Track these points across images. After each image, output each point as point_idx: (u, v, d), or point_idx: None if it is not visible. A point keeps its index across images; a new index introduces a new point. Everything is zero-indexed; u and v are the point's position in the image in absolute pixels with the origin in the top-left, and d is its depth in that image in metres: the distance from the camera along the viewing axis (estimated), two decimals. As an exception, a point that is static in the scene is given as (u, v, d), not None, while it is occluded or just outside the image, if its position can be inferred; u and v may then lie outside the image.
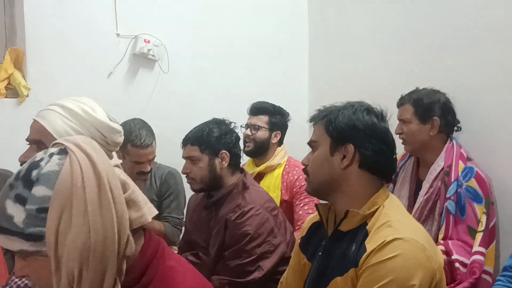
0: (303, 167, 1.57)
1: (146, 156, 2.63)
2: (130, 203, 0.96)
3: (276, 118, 2.94)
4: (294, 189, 2.81)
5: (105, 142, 1.51)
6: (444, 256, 2.21)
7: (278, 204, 2.77)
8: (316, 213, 1.61)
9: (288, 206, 2.82)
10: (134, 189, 0.99)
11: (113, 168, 0.96)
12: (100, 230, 0.90)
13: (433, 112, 2.41)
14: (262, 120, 2.93)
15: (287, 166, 2.90)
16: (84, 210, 0.90)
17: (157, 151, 2.74)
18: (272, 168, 2.89)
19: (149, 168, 2.67)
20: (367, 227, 1.42)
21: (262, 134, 2.91)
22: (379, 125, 1.48)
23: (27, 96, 2.85)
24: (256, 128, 2.91)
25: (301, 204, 2.76)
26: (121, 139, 1.55)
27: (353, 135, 1.47)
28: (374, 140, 1.46)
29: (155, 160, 2.79)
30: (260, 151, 2.92)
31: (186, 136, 2.27)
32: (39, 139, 1.46)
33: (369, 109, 1.50)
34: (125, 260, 0.95)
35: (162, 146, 2.92)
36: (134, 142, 2.59)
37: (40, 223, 0.89)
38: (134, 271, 0.97)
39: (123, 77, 3.19)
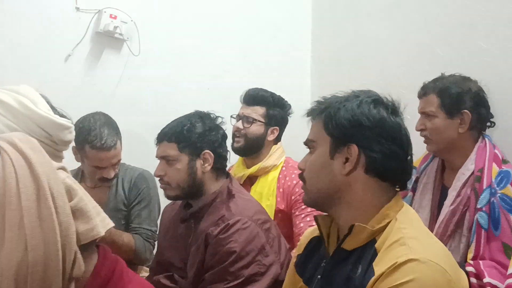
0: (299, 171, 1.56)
1: (109, 160, 2.62)
2: (77, 213, 0.96)
3: (275, 110, 2.93)
4: (293, 197, 2.80)
5: (51, 141, 1.50)
6: (474, 280, 2.21)
7: (273, 215, 2.77)
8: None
9: (285, 218, 2.81)
10: (83, 197, 0.98)
11: (55, 171, 0.95)
12: (40, 246, 0.89)
13: (463, 104, 2.41)
14: (257, 111, 2.91)
15: (284, 169, 2.89)
16: (20, 222, 0.89)
17: (126, 151, 2.74)
18: (266, 171, 2.89)
19: (112, 174, 2.67)
20: (376, 245, 1.42)
21: (256, 129, 2.90)
22: (389, 120, 1.46)
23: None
24: (250, 121, 2.90)
25: (302, 215, 2.75)
26: (70, 136, 1.55)
27: (358, 134, 1.45)
28: (383, 139, 1.45)
29: (123, 161, 2.79)
30: (252, 149, 2.91)
31: (162, 130, 2.26)
32: None
33: (377, 101, 1.48)
34: (73, 282, 0.94)
35: (131, 145, 2.92)
36: (93, 143, 2.58)
37: None
38: None
39: (84, 60, 3.18)
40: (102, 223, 1.00)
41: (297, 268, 1.66)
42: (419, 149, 2.58)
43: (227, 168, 2.35)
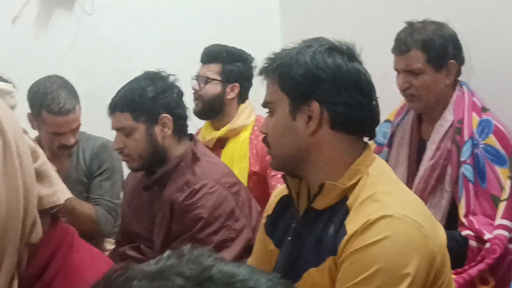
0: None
1: (68, 124, 2.57)
2: (41, 175, 0.94)
3: (232, 66, 2.87)
4: (268, 157, 2.78)
5: None
6: (474, 242, 2.23)
7: (246, 178, 2.75)
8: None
9: (260, 180, 2.80)
10: (46, 161, 0.97)
11: (22, 131, 0.94)
12: (2, 203, 0.87)
13: (448, 54, 2.38)
14: (212, 69, 2.86)
15: (256, 128, 2.85)
16: None
17: (85, 117, 2.69)
18: (235, 132, 2.86)
19: (73, 141, 2.62)
20: (347, 203, 1.41)
21: (212, 88, 2.84)
22: (346, 68, 1.42)
23: None
24: (205, 80, 2.85)
25: (278, 175, 2.73)
26: (13, 101, 1.48)
27: (316, 89, 1.41)
28: (343, 89, 1.41)
29: (82, 130, 2.73)
30: (212, 110, 2.87)
31: (112, 100, 2.21)
32: None
33: (331, 48, 1.43)
34: (28, 249, 0.93)
35: (90, 111, 2.86)
36: (50, 107, 2.52)
37: None
38: (34, 265, 0.95)
39: (33, 21, 3.13)
40: (62, 191, 0.99)
41: (267, 229, 1.65)
42: (392, 101, 2.57)
43: (194, 132, 2.32)
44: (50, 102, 2.52)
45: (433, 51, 2.35)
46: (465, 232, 2.26)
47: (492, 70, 2.52)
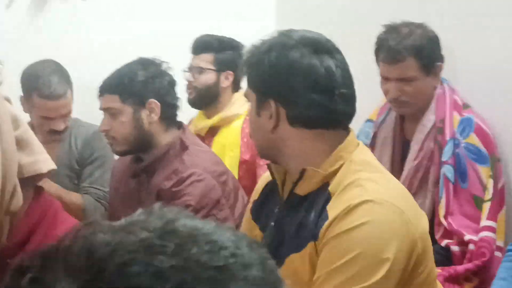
0: None
1: (58, 110, 2.57)
2: (22, 143, 0.96)
3: (225, 54, 2.87)
4: None
5: None
6: (456, 247, 2.24)
7: (237, 166, 2.76)
8: None
9: (250, 169, 2.80)
10: (28, 130, 0.99)
11: (2, 99, 0.94)
12: None
13: (436, 56, 2.37)
14: (205, 59, 2.86)
15: (248, 118, 2.85)
16: None
17: (78, 104, 2.69)
18: (228, 121, 2.86)
19: (62, 126, 2.62)
20: (329, 189, 1.42)
21: (207, 78, 2.85)
22: (300, 65, 1.41)
23: None
24: (199, 70, 2.86)
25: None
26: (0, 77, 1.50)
27: (271, 87, 1.43)
28: (297, 88, 1.41)
29: (77, 117, 2.74)
30: (206, 100, 2.88)
31: (103, 82, 2.23)
32: None
33: (293, 43, 1.42)
34: (9, 218, 0.93)
35: (83, 98, 2.86)
36: (41, 91, 2.53)
37: None
38: (17, 234, 0.97)
39: (28, 6, 3.12)
40: (45, 161, 1.00)
41: (252, 214, 1.66)
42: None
43: (187, 122, 2.33)
44: (41, 86, 2.53)
45: (425, 57, 2.32)
46: (444, 243, 2.26)
47: (475, 67, 2.51)
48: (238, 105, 2.87)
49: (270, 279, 0.55)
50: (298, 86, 1.41)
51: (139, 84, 2.17)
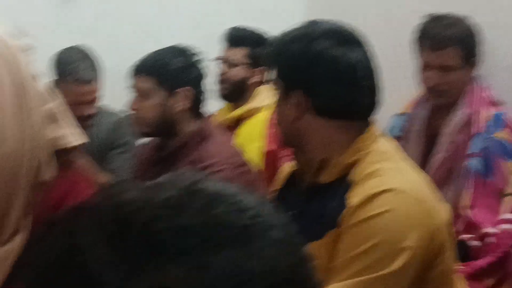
0: None
1: (85, 95, 2.61)
2: (52, 118, 0.97)
3: (259, 50, 2.89)
4: None
5: None
6: (474, 242, 2.24)
7: (261, 157, 2.76)
8: None
9: (274, 160, 2.79)
10: (59, 105, 1.00)
11: (33, 73, 0.97)
12: (9, 141, 0.90)
13: (477, 49, 2.40)
14: (239, 53, 2.88)
15: None
16: None
17: (107, 92, 2.74)
18: (252, 113, 2.87)
19: (89, 112, 2.66)
20: (350, 178, 1.43)
21: (238, 71, 2.87)
22: (326, 56, 1.42)
23: None
24: (233, 64, 2.87)
25: (287, 156, 2.75)
26: (29, 59, 1.53)
27: (298, 77, 1.45)
28: (322, 79, 1.43)
29: (105, 104, 2.79)
30: (237, 93, 2.89)
31: (138, 62, 2.25)
32: None
33: (319, 34, 1.44)
34: (40, 189, 0.96)
35: (112, 85, 2.89)
36: (69, 76, 2.58)
37: None
38: (48, 204, 0.98)
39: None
40: (75, 135, 1.01)
41: (274, 203, 1.66)
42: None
43: (208, 113, 2.35)
44: (70, 71, 2.58)
45: (468, 48, 2.37)
46: (461, 237, 2.26)
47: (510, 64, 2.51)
48: (262, 97, 2.87)
49: (292, 242, 0.56)
50: (323, 76, 1.43)
51: (175, 70, 2.19)
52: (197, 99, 2.23)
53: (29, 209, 0.95)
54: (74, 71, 2.58)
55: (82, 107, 2.62)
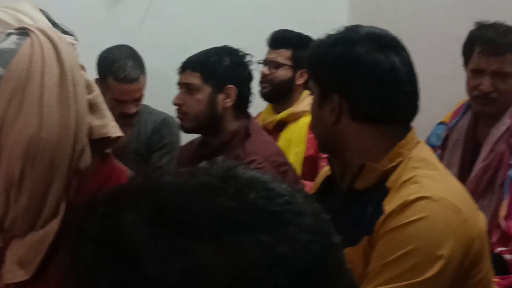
0: None
1: (131, 93, 2.64)
2: (94, 107, 1.02)
3: (302, 52, 2.89)
4: None
5: None
6: (509, 256, 2.19)
7: (301, 162, 2.77)
8: None
9: (313, 164, 2.81)
10: (99, 96, 1.05)
11: (78, 65, 1.02)
12: (54, 127, 0.95)
13: None
14: (283, 54, 2.89)
15: None
16: (39, 98, 0.95)
17: (149, 92, 2.76)
18: (296, 116, 2.88)
19: (134, 110, 2.69)
20: (387, 184, 1.42)
21: (283, 73, 2.89)
22: (366, 60, 1.42)
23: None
24: (276, 65, 2.88)
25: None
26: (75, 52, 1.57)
27: (337, 81, 1.44)
28: (362, 83, 1.42)
29: (147, 104, 2.81)
30: (280, 95, 2.91)
31: (187, 59, 2.30)
32: None
33: (359, 38, 1.44)
34: (77, 176, 1.00)
35: (155, 85, 2.94)
36: (116, 74, 2.62)
37: None
38: (83, 193, 1.02)
39: (107, -6, 3.21)
40: (113, 127, 1.06)
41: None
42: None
43: (255, 115, 2.36)
44: (117, 69, 2.62)
45: None
46: (498, 250, 2.22)
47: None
48: (307, 102, 2.88)
49: (323, 229, 0.58)
50: (362, 81, 1.42)
51: (222, 68, 2.23)
52: (241, 99, 2.26)
53: (65, 195, 0.99)
54: (122, 69, 2.62)
55: (128, 105, 2.66)
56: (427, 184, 1.37)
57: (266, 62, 2.92)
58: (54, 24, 1.55)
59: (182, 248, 0.53)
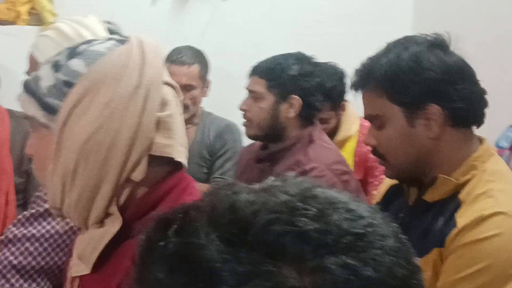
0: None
1: (180, 76, 2.61)
2: (162, 125, 1.03)
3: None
4: (368, 164, 2.75)
5: None
6: None
7: None
8: None
9: (362, 188, 2.75)
10: (175, 116, 1.05)
11: (160, 82, 1.04)
12: (112, 131, 0.99)
13: None
14: None
15: (360, 135, 2.80)
16: (108, 102, 0.99)
17: (211, 99, 2.80)
18: (341, 144, 2.80)
19: (181, 97, 2.70)
20: (460, 196, 1.39)
21: None
22: (450, 61, 1.40)
23: (53, 23, 2.97)
24: None
25: (376, 182, 2.69)
26: None
27: (430, 91, 1.38)
28: (456, 84, 1.39)
29: (210, 111, 2.84)
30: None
31: (257, 63, 2.27)
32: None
33: (429, 45, 1.40)
34: (130, 185, 1.02)
35: (218, 92, 2.96)
36: (170, 57, 2.66)
37: (61, 96, 1.02)
38: (146, 203, 1.04)
39: (171, 4, 3.25)
40: (180, 151, 1.06)
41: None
42: None
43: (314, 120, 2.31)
44: (173, 53, 2.69)
45: None
46: None
47: None
48: (349, 126, 2.83)
49: (405, 251, 0.56)
50: (457, 81, 1.40)
51: (288, 77, 2.19)
52: (306, 109, 2.21)
53: (115, 200, 1.02)
54: (177, 52, 2.69)
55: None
56: (502, 199, 1.34)
57: None
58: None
59: (266, 271, 0.51)
